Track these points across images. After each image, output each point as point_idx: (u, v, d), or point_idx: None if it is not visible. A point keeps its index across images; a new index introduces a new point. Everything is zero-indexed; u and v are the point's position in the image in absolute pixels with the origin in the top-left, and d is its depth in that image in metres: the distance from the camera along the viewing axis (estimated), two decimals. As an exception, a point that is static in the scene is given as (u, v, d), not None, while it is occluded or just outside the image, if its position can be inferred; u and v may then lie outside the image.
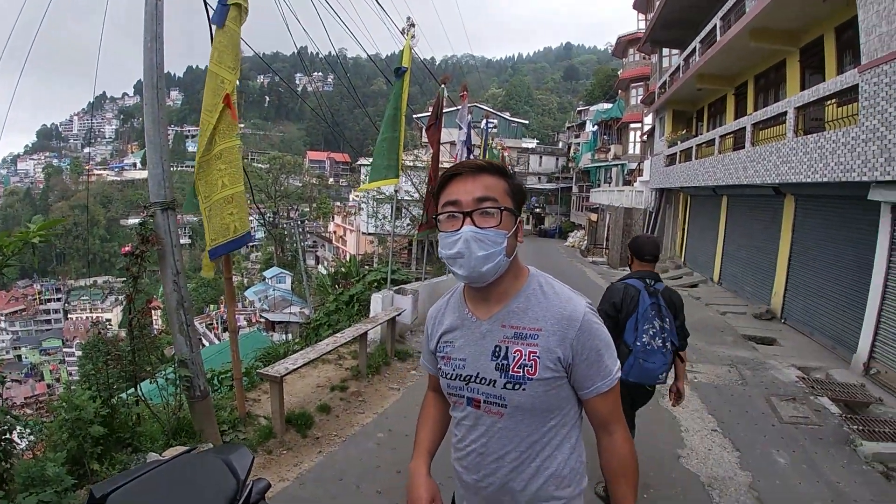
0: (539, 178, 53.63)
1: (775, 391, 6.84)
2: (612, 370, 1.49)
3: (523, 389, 1.43)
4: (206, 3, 4.43)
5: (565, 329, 1.43)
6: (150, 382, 4.27)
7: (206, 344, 27.48)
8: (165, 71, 4.07)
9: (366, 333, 6.60)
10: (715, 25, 13.90)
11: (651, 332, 3.48)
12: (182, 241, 4.69)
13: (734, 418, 5.97)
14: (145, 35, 3.92)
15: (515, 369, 1.44)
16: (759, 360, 8.22)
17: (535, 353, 1.43)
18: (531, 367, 1.43)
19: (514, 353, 1.45)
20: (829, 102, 8.56)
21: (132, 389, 4.02)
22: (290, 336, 14.97)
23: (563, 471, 1.52)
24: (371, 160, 7.46)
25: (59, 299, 75.98)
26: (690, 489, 4.40)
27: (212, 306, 43.32)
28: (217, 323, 37.43)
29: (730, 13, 12.88)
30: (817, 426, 5.80)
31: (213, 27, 4.16)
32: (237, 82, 4.19)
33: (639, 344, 3.49)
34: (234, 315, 4.94)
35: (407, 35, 7.47)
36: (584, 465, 1.60)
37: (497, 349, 1.47)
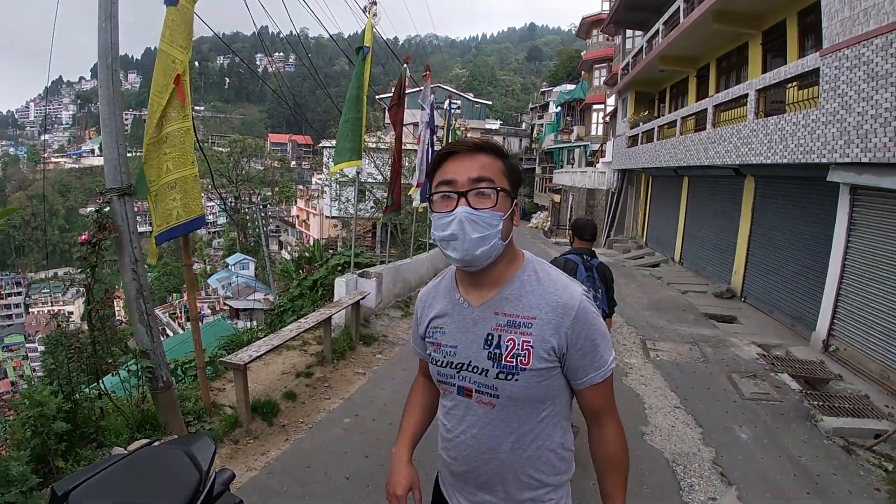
0: (503, 159, 53.58)
1: (736, 368, 6.99)
2: (607, 361, 1.44)
3: (516, 380, 1.39)
4: None
5: (560, 318, 1.38)
6: (112, 375, 4.16)
7: (170, 334, 27.06)
8: (122, 53, 3.89)
9: (330, 318, 6.49)
10: (679, 7, 13.96)
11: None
12: (142, 229, 4.54)
13: (697, 395, 6.09)
14: (99, 15, 3.76)
15: (508, 359, 1.39)
16: (720, 338, 8.39)
17: (529, 342, 1.38)
18: (524, 356, 1.38)
19: (507, 341, 1.40)
20: (790, 85, 8.70)
21: (95, 383, 3.92)
22: (255, 323, 14.74)
23: (553, 459, 1.49)
24: (335, 142, 7.29)
25: (19, 293, 73.21)
26: (655, 466, 4.47)
27: (174, 295, 42.18)
28: (180, 312, 36.64)
29: (694, -5, 12.95)
30: (778, 402, 5.94)
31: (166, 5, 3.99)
32: (188, 62, 4.03)
33: None
34: (195, 303, 4.80)
35: (368, 13, 7.31)
36: (572, 453, 1.57)
37: (490, 337, 1.42)
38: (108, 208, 3.84)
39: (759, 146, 9.54)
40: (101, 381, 3.95)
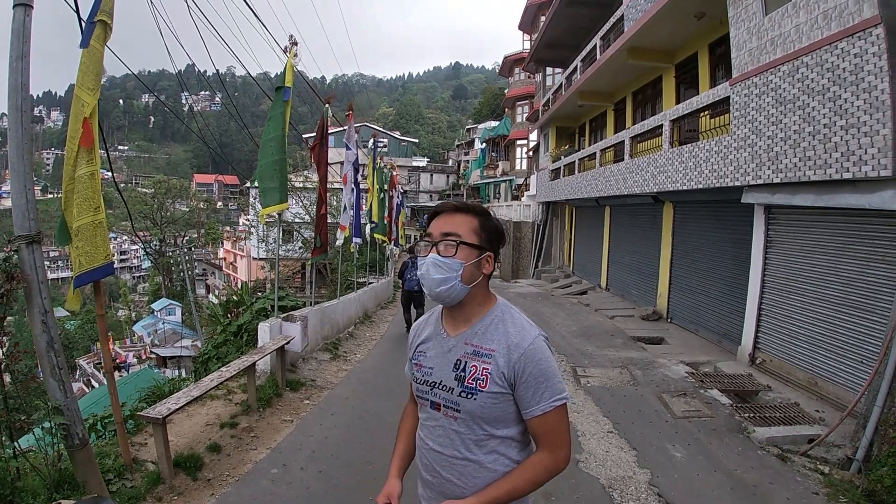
0: (430, 195, 54.29)
1: (666, 388, 7.09)
2: (549, 398, 1.64)
3: (474, 399, 1.66)
4: (80, 21, 4.10)
5: (512, 353, 1.65)
6: (26, 431, 3.93)
7: (95, 385, 25.71)
8: (46, 89, 3.61)
9: (254, 365, 6.21)
10: (595, 45, 14.67)
11: (413, 276, 8.53)
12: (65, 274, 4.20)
13: (629, 418, 6.11)
14: (11, 54, 3.54)
15: (469, 381, 1.67)
16: (649, 360, 8.52)
17: (488, 369, 1.66)
18: (483, 380, 1.65)
19: (471, 367, 1.68)
20: (703, 114, 9.20)
21: (10, 442, 3.62)
22: (183, 371, 13.88)
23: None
24: (259, 182, 7.08)
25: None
26: (591, 493, 4.41)
27: (99, 344, 39.37)
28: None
29: (609, 33, 13.64)
30: (710, 418, 6.04)
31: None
32: (97, 104, 3.93)
33: (407, 279, 10.43)
34: (110, 355, 4.55)
35: (289, 53, 7.21)
36: None
37: (458, 362, 1.71)
38: (16, 256, 3.58)
39: (674, 174, 9.99)
40: (14, 440, 3.66)
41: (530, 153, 31.35)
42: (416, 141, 72.30)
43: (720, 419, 5.99)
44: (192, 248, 49.04)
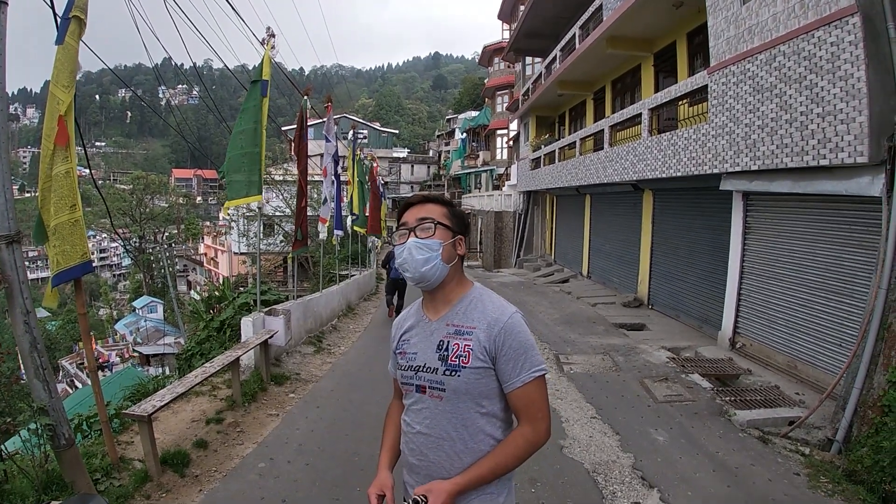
0: (411, 186, 54.14)
1: (648, 373, 7.19)
2: (529, 369, 1.71)
3: (458, 375, 1.72)
4: (55, 17, 4.00)
5: (492, 327, 1.72)
6: (12, 433, 3.85)
7: (79, 385, 25.41)
8: (22, 86, 3.49)
9: (237, 360, 6.19)
10: (574, 34, 14.69)
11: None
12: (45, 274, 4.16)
13: (612, 404, 6.19)
14: None
15: (453, 359, 1.73)
16: (631, 346, 8.63)
17: (470, 345, 1.72)
18: (465, 357, 1.72)
19: (454, 345, 1.75)
20: (681, 102, 9.28)
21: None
22: (167, 369, 13.75)
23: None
24: (226, 174, 7.00)
25: None
26: (576, 478, 4.47)
27: (81, 344, 38.71)
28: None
29: (588, 22, 13.66)
30: (691, 402, 6.15)
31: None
32: (72, 100, 3.85)
33: (392, 268, 10.36)
34: (93, 353, 4.53)
35: (266, 46, 7.12)
36: None
37: (441, 343, 1.77)
38: None
39: (654, 162, 10.07)
40: (1, 443, 3.65)
41: (511, 143, 31.37)
42: (397, 132, 71.98)
43: (702, 403, 6.08)
44: (173, 245, 48.36)
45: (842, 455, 4.73)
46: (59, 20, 3.90)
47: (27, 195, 72.78)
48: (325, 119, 11.09)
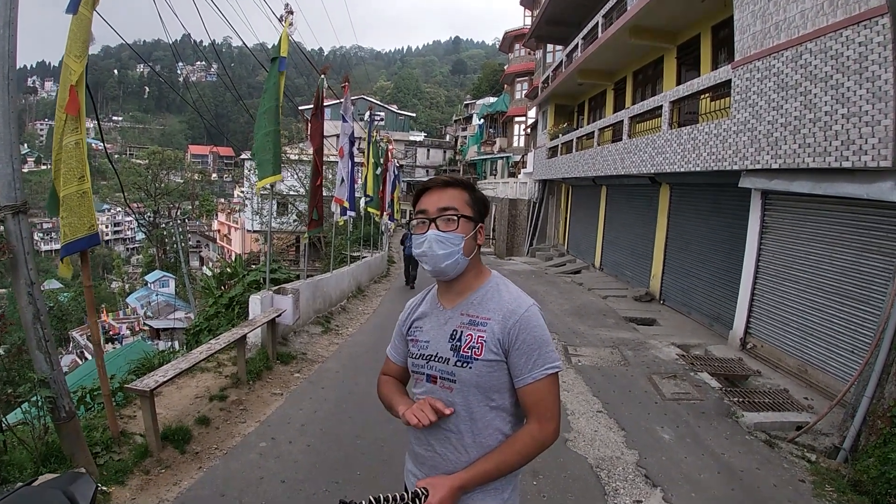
0: (427, 170, 53.94)
1: (657, 370, 7.13)
2: (542, 365, 1.64)
3: (470, 367, 1.66)
4: None
5: (508, 319, 1.66)
6: (12, 404, 3.89)
7: (88, 357, 25.64)
8: (40, 59, 3.53)
9: (244, 337, 6.19)
10: (597, 23, 14.47)
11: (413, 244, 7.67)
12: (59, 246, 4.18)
13: (618, 398, 6.13)
14: None
15: (465, 350, 1.68)
16: (641, 341, 8.55)
17: (483, 337, 1.66)
18: (478, 349, 1.66)
19: (467, 336, 1.69)
20: (703, 96, 9.12)
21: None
22: (176, 344, 13.88)
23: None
24: (255, 155, 7.01)
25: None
26: (579, 472, 4.43)
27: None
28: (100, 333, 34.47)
29: (612, 10, 13.43)
30: (699, 401, 6.08)
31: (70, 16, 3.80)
32: (84, 71, 3.83)
33: (408, 245, 10.91)
34: (97, 326, 4.49)
35: (285, 23, 7.08)
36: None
37: (454, 333, 1.72)
38: (2, 227, 3.54)
39: (673, 155, 9.93)
40: (4, 414, 3.66)
41: (528, 130, 31.13)
42: (414, 115, 71.66)
43: (709, 402, 6.02)
44: (186, 220, 48.69)
45: (848, 464, 4.66)
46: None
47: (44, 167, 73.49)
48: (342, 100, 11.04)
